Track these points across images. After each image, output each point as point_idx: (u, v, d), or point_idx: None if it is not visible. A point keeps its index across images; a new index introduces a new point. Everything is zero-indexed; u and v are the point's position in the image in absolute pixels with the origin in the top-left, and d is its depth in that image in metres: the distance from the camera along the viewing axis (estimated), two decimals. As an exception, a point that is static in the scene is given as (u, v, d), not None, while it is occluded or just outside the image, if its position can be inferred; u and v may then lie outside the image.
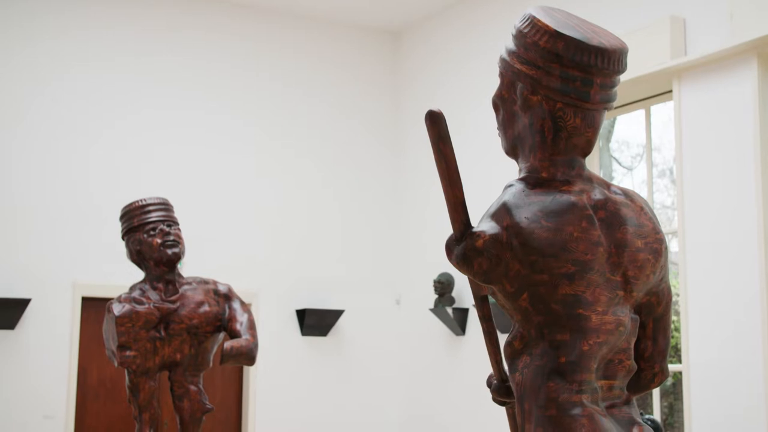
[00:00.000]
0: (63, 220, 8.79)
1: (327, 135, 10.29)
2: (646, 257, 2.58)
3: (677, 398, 8.59)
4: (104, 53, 9.23)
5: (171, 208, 5.98)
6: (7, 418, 8.29)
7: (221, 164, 9.64)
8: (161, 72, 9.50)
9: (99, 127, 9.11)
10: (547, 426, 2.37)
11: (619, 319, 2.49)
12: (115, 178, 9.00)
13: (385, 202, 10.49)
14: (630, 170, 9.26)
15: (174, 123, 9.47)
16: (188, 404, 5.80)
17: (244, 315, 5.86)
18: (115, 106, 9.21)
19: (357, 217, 10.32)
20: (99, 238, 8.78)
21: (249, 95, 9.92)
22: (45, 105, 8.91)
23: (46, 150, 8.83)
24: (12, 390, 8.35)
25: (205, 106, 9.67)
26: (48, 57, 8.97)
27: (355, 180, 10.37)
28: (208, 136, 9.62)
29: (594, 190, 2.59)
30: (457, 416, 9.25)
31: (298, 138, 10.12)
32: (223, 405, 9.31)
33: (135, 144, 9.24)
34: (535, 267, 2.42)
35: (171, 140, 9.41)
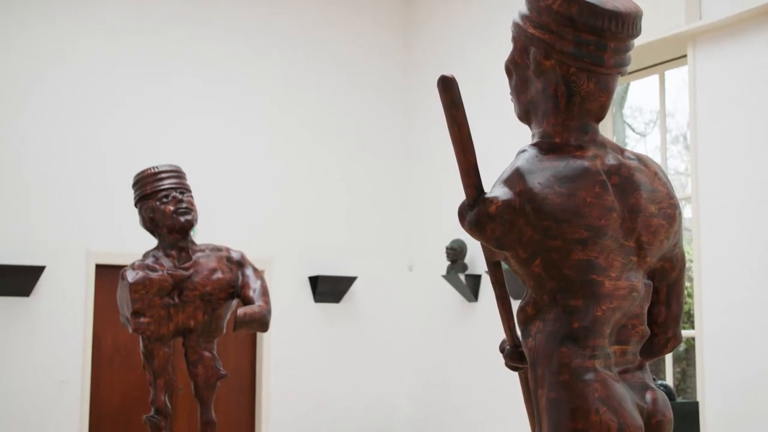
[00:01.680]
0: (77, 188, 8.81)
1: (339, 103, 10.26)
2: (660, 222, 2.57)
3: (690, 364, 8.60)
4: (118, 27, 9.21)
5: (183, 175, 5.98)
6: (23, 383, 8.36)
7: (234, 133, 9.63)
8: (172, 45, 9.47)
9: (112, 98, 9.11)
10: (560, 391, 2.37)
11: (633, 285, 2.48)
12: (128, 147, 9.01)
13: (397, 168, 10.47)
14: (643, 136, 9.22)
15: (186, 94, 9.46)
16: (202, 370, 5.83)
17: (257, 282, 5.87)
18: (128, 76, 9.20)
19: (369, 184, 10.31)
20: (112, 205, 8.80)
21: (259, 65, 9.90)
22: (58, 76, 8.90)
23: (60, 119, 8.84)
24: (28, 356, 8.42)
25: (217, 77, 9.65)
26: (63, 31, 8.96)
27: (367, 147, 10.35)
28: (220, 106, 9.61)
29: (607, 156, 2.57)
30: (470, 382, 9.28)
31: (310, 106, 10.09)
32: (237, 371, 9.37)
33: (148, 114, 9.24)
34: (548, 233, 2.41)
35: (184, 110, 9.41)
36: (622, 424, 2.33)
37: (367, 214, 10.25)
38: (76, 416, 8.52)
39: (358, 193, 10.24)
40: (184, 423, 8.98)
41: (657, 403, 2.51)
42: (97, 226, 8.84)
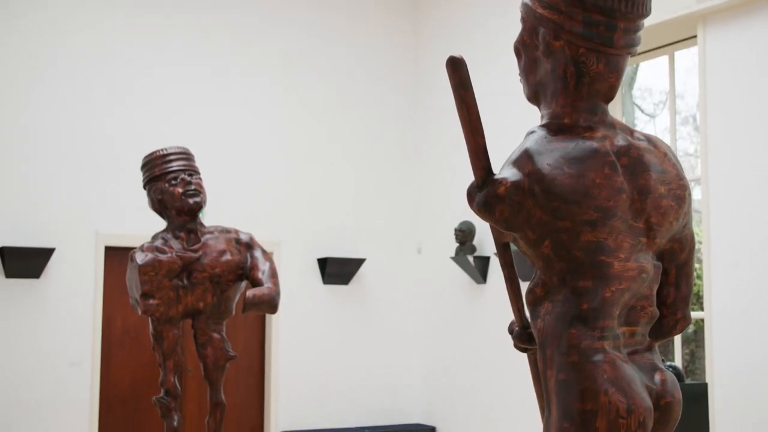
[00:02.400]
0: (86, 170, 8.83)
1: (348, 85, 10.25)
2: (669, 204, 2.56)
3: (699, 345, 8.60)
4: (129, 9, 9.20)
5: (192, 157, 5.98)
6: (34, 364, 8.40)
7: (242, 115, 9.63)
8: (182, 28, 9.46)
9: (122, 81, 9.10)
10: (569, 372, 2.37)
11: (642, 266, 2.48)
12: (137, 129, 9.02)
13: (406, 150, 10.46)
14: (652, 117, 9.19)
15: (195, 76, 9.45)
16: (212, 352, 5.85)
17: (266, 263, 5.88)
18: (137, 60, 9.20)
19: (378, 166, 10.30)
20: (121, 187, 8.82)
21: (267, 48, 9.88)
22: (69, 58, 8.90)
23: (70, 102, 8.85)
24: (38, 338, 8.45)
25: (225, 61, 9.64)
26: (73, 12, 8.95)
27: (376, 129, 10.34)
28: (228, 88, 9.60)
29: (617, 136, 2.57)
30: (479, 363, 9.30)
31: (319, 89, 10.08)
32: (246, 352, 9.40)
33: (157, 97, 9.23)
34: (558, 214, 2.40)
35: (193, 92, 9.40)
36: (630, 405, 2.34)
37: (375, 195, 10.25)
38: (87, 398, 8.56)
39: (367, 175, 10.23)
40: (194, 404, 9.02)
41: (666, 384, 2.52)
42: (107, 208, 8.86)
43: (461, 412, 9.54)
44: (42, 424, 8.36)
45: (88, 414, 8.55)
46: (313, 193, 9.91)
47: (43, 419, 8.38)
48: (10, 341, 8.35)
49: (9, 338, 8.34)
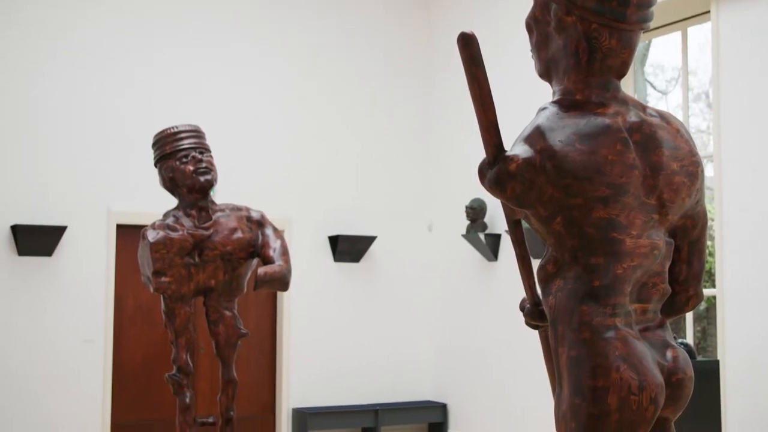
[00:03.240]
0: (97, 148, 8.84)
1: (359, 63, 10.22)
2: (682, 180, 2.55)
3: (710, 323, 8.59)
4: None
5: (203, 135, 5.98)
6: (47, 342, 8.44)
7: (253, 93, 9.62)
8: (194, 4, 9.44)
9: (133, 59, 9.10)
10: (580, 349, 2.37)
11: (654, 243, 2.47)
12: (148, 107, 9.02)
13: (417, 128, 10.44)
14: (665, 94, 9.14)
15: (207, 54, 9.43)
16: (223, 329, 5.87)
17: (277, 241, 5.89)
18: (149, 37, 9.19)
19: (389, 144, 10.29)
20: (132, 165, 8.83)
21: (280, 26, 9.85)
22: (81, 37, 8.90)
23: (81, 80, 8.85)
24: (51, 315, 8.49)
25: (239, 38, 9.62)
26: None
27: (387, 107, 10.31)
28: (240, 66, 9.59)
29: (629, 113, 2.55)
30: (490, 341, 9.31)
31: (330, 67, 10.06)
32: (258, 330, 9.43)
33: (168, 74, 9.23)
34: (569, 190, 2.39)
35: (204, 70, 9.39)
36: (642, 382, 2.33)
37: (386, 173, 10.24)
38: (100, 375, 8.61)
39: (378, 152, 10.22)
40: (206, 382, 9.06)
41: (678, 361, 2.51)
42: (118, 186, 8.88)
43: (472, 390, 9.56)
44: (56, 401, 8.42)
45: (101, 391, 8.60)
46: (323, 171, 9.90)
47: (57, 396, 8.43)
48: (24, 319, 8.39)
49: (22, 316, 8.38)
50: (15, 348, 8.32)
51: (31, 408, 8.33)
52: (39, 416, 8.35)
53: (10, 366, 8.29)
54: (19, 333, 8.35)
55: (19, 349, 8.34)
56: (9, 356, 8.29)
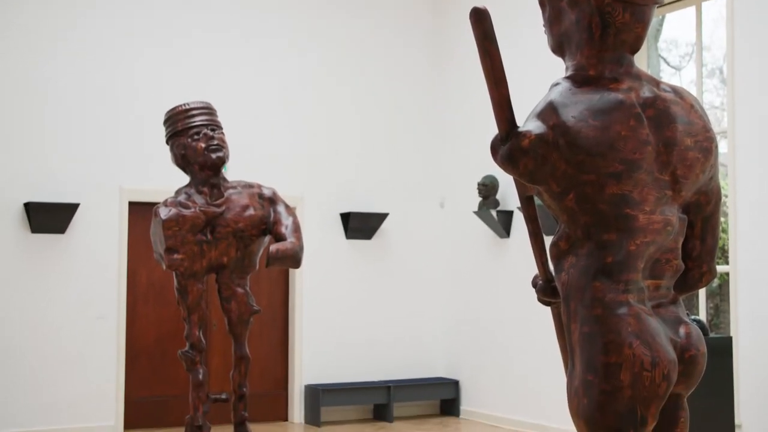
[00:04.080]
0: (109, 126, 8.84)
1: (371, 38, 10.18)
2: (696, 156, 2.53)
3: (723, 299, 8.56)
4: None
5: (214, 112, 5.97)
6: (61, 318, 8.48)
7: (265, 70, 9.60)
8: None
9: (144, 36, 9.08)
10: (593, 325, 2.36)
11: (667, 219, 2.46)
12: (160, 84, 9.01)
13: (428, 105, 10.41)
14: (678, 70, 9.08)
15: (218, 31, 9.41)
16: (236, 306, 5.89)
17: (289, 218, 5.89)
18: (159, 14, 9.17)
19: (401, 121, 10.26)
20: (145, 143, 8.83)
21: (290, 5, 9.82)
22: (93, 14, 8.88)
23: (93, 58, 8.84)
24: (65, 292, 8.53)
25: (249, 15, 9.59)
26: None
27: (399, 83, 10.28)
28: (252, 43, 9.57)
29: (643, 88, 2.53)
30: (502, 318, 9.31)
31: (341, 42, 10.03)
32: (270, 307, 9.45)
33: (180, 51, 9.21)
34: (582, 167, 2.38)
35: (215, 47, 9.38)
36: (655, 358, 2.33)
37: (398, 150, 10.22)
38: (113, 351, 8.65)
39: (390, 129, 10.20)
40: (219, 358, 9.09)
41: (691, 337, 2.50)
42: (130, 164, 8.89)
43: (484, 366, 9.57)
44: (70, 377, 8.47)
45: (115, 367, 8.65)
46: (335, 148, 9.89)
47: (71, 372, 8.48)
48: (37, 295, 8.43)
49: (36, 292, 8.42)
50: (29, 325, 8.37)
51: (46, 384, 8.38)
52: (53, 392, 8.40)
53: (25, 342, 8.34)
54: (32, 310, 8.39)
55: (33, 325, 8.38)
56: (23, 333, 8.34)
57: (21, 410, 8.27)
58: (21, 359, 8.32)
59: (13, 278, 8.36)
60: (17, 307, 8.35)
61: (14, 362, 8.29)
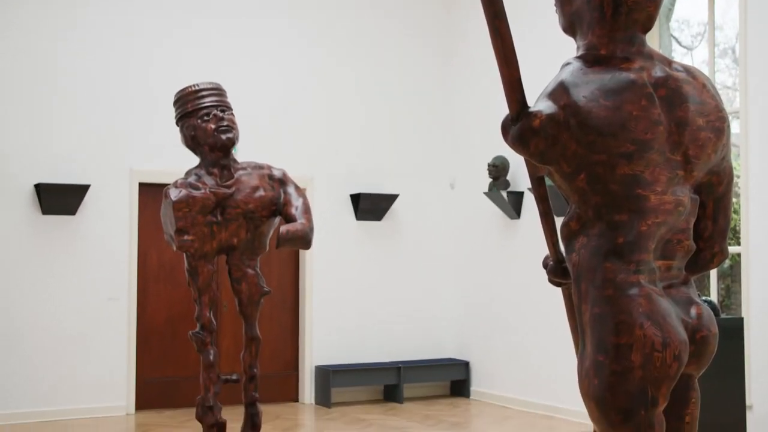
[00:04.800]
0: (120, 107, 8.84)
1: (381, 20, 10.15)
2: (708, 136, 2.52)
3: (735, 280, 8.54)
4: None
5: (224, 93, 5.96)
6: (72, 300, 8.51)
7: (275, 51, 9.58)
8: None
9: (156, 19, 9.06)
10: (604, 306, 2.35)
11: (679, 199, 2.44)
12: (170, 66, 9.00)
13: (439, 85, 10.37)
14: (690, 50, 9.02)
15: (229, 12, 9.39)
16: (246, 287, 5.89)
17: (299, 199, 5.88)
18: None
19: (411, 101, 10.23)
20: (154, 124, 8.83)
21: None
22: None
23: (104, 40, 8.84)
24: (76, 273, 8.56)
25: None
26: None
27: (409, 64, 10.25)
28: (262, 24, 9.54)
29: (655, 67, 2.51)
30: (513, 299, 9.31)
31: (352, 25, 9.99)
32: (281, 288, 9.47)
33: (191, 33, 9.20)
34: (593, 147, 2.37)
35: (226, 28, 9.36)
36: (666, 339, 2.32)
37: (408, 131, 10.20)
38: (124, 332, 8.68)
39: (400, 110, 10.18)
40: (230, 339, 9.12)
41: (702, 318, 2.50)
42: (140, 145, 8.89)
43: (495, 347, 9.58)
44: (81, 358, 8.51)
45: (126, 348, 8.69)
46: (346, 129, 9.87)
47: (83, 353, 8.52)
48: (49, 277, 8.46)
49: (47, 274, 8.45)
50: (40, 306, 8.40)
51: (58, 365, 8.42)
52: (65, 373, 8.44)
53: (36, 323, 8.37)
54: (43, 291, 8.42)
55: (45, 307, 8.41)
56: (34, 314, 8.37)
57: (33, 391, 8.31)
58: (32, 340, 8.35)
59: (24, 260, 8.39)
60: (29, 289, 8.38)
61: (26, 343, 8.33)
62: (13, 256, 8.35)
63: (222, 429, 5.82)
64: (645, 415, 2.32)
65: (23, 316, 8.34)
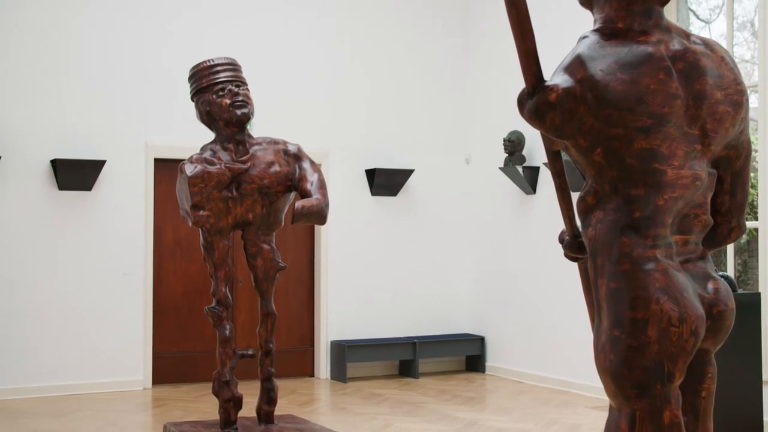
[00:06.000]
0: (135, 83, 8.85)
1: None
2: (726, 109, 2.50)
3: (752, 255, 8.50)
4: None
5: (239, 68, 5.95)
6: (89, 275, 8.55)
7: (291, 26, 9.55)
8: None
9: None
10: (620, 281, 2.35)
11: (696, 173, 2.43)
12: (186, 41, 8.99)
13: (455, 60, 10.33)
14: (708, 23, 8.94)
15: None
16: (262, 262, 5.90)
17: (315, 174, 5.88)
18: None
19: (426, 76, 10.20)
20: (170, 100, 8.83)
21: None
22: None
23: (120, 16, 8.82)
24: (92, 248, 8.59)
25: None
26: None
27: (424, 39, 10.20)
28: (281, 1, 9.52)
29: (672, 41, 2.49)
30: (528, 274, 9.30)
31: (367, 1, 9.96)
32: (296, 263, 9.48)
33: (206, 8, 9.17)
34: (610, 121, 2.36)
35: (242, 4, 9.32)
36: (683, 314, 2.31)
37: (423, 106, 10.17)
38: (141, 307, 8.72)
39: (415, 85, 10.14)
40: (246, 314, 9.15)
41: (719, 293, 2.49)
42: (156, 121, 8.90)
43: (510, 323, 9.59)
44: (98, 333, 8.55)
45: (142, 323, 8.73)
46: (361, 104, 9.85)
47: (100, 328, 8.56)
48: (65, 252, 8.49)
49: (64, 249, 8.49)
50: (57, 281, 8.45)
51: (74, 340, 8.47)
52: (82, 347, 8.49)
53: (53, 299, 8.42)
54: (60, 266, 8.47)
55: (62, 282, 8.46)
56: (51, 289, 8.42)
57: (49, 366, 8.37)
58: (49, 316, 8.40)
59: (40, 235, 8.42)
60: (45, 265, 8.42)
61: (43, 319, 8.38)
62: (29, 231, 8.39)
63: (238, 403, 5.85)
64: (661, 389, 2.32)
65: (40, 291, 8.38)
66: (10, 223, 8.31)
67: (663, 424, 2.32)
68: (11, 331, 8.25)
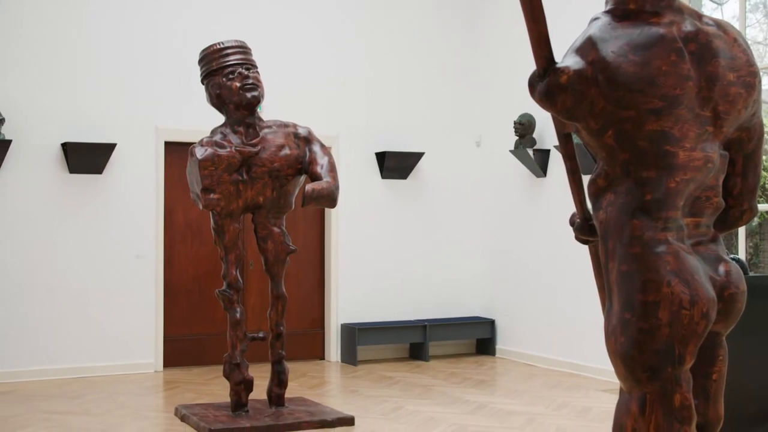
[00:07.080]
0: (146, 66, 8.84)
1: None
2: (738, 91, 2.48)
3: (763, 238, 8.48)
4: None
5: (249, 51, 5.94)
6: (100, 258, 8.57)
7: (301, 9, 9.52)
8: None
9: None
10: (631, 263, 2.34)
11: (708, 156, 2.42)
12: (195, 25, 8.97)
13: (465, 43, 10.29)
14: (720, 5, 8.89)
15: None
16: (272, 245, 5.91)
17: (325, 158, 5.88)
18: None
19: (437, 59, 10.17)
20: (180, 83, 8.83)
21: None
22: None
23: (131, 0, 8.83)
24: (104, 231, 8.61)
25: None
26: None
27: (434, 21, 10.17)
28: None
29: (685, 22, 2.48)
30: (539, 257, 9.29)
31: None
32: (306, 246, 9.49)
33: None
34: (621, 103, 2.35)
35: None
36: (694, 296, 2.31)
37: (434, 89, 10.14)
38: (152, 290, 8.74)
39: (426, 68, 10.11)
40: (256, 297, 9.17)
41: (730, 275, 2.48)
42: (166, 104, 8.89)
43: (521, 306, 9.58)
44: (110, 315, 8.58)
45: (154, 305, 8.75)
46: (371, 86, 9.83)
47: (111, 310, 8.59)
48: (76, 235, 8.51)
49: (75, 233, 8.51)
50: (69, 264, 8.47)
51: (86, 322, 8.50)
52: (94, 330, 8.53)
53: (65, 281, 8.45)
54: (72, 250, 8.49)
55: (73, 265, 8.48)
56: (63, 272, 8.45)
57: (60, 348, 8.41)
58: (61, 298, 8.43)
59: (52, 219, 8.44)
60: (56, 248, 8.44)
61: (54, 301, 8.41)
62: (40, 215, 8.41)
63: (249, 386, 5.87)
64: (672, 372, 2.32)
65: (51, 274, 8.41)
66: (21, 207, 8.33)
67: (674, 407, 2.32)
68: (23, 314, 8.28)
